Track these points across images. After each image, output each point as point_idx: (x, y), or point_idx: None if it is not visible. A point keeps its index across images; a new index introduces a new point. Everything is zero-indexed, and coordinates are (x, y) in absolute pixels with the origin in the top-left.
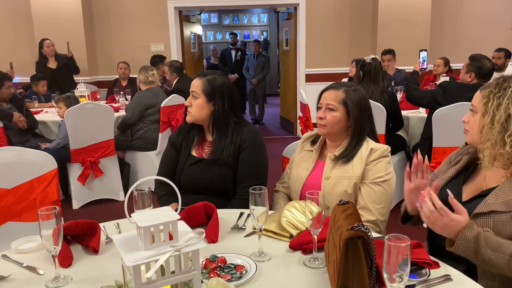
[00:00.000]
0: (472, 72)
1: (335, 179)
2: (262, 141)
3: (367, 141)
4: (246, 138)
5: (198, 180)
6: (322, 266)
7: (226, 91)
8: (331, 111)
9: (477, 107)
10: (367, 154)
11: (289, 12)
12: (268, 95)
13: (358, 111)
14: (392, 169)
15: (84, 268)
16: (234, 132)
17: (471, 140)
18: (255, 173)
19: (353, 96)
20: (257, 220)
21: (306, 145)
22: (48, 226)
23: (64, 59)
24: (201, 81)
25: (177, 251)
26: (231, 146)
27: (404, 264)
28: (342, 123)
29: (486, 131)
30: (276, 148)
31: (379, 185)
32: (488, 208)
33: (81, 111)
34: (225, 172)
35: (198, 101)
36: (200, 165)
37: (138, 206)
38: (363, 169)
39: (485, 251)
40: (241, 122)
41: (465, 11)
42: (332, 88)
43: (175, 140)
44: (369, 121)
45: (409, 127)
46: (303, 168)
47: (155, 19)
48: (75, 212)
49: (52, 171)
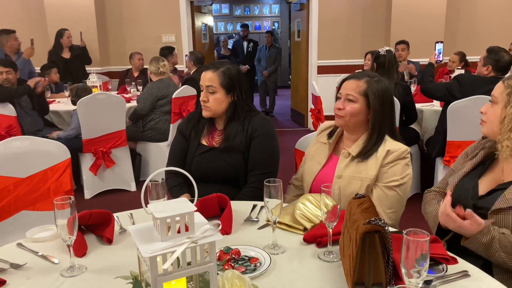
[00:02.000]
0: (489, 65)
1: (347, 178)
2: (273, 129)
3: (386, 140)
4: (258, 126)
5: (209, 169)
6: (337, 260)
7: (242, 80)
8: (350, 102)
9: (498, 98)
10: (383, 155)
11: (302, 2)
12: (279, 87)
13: (380, 104)
14: (410, 171)
15: (98, 258)
16: (245, 120)
17: (488, 131)
18: (267, 161)
19: (375, 87)
20: (271, 213)
21: (322, 137)
22: (63, 215)
23: (78, 50)
24: (215, 74)
25: (193, 242)
26: (242, 134)
27: (423, 260)
28: (361, 115)
29: (508, 122)
30: (286, 140)
31: (393, 190)
32: (507, 204)
33: (93, 101)
34: (237, 159)
35: (217, 95)
36: (211, 154)
37: (152, 196)
38: (377, 171)
39: (500, 255)
40: (252, 110)
41: (481, 3)
42: (354, 78)
43: (184, 129)
44: (390, 116)
45: (422, 121)
46: (316, 162)
47: (167, 9)
48: (87, 202)
49: (65, 161)
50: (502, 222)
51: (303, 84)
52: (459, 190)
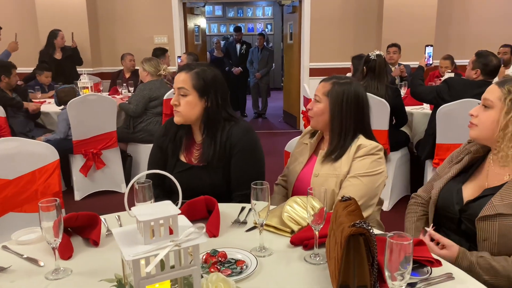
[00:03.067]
0: (478, 68)
1: (324, 176)
2: (255, 142)
3: (358, 138)
4: (237, 141)
5: (189, 189)
6: (323, 262)
7: (218, 84)
8: (316, 103)
9: (495, 103)
10: (355, 150)
11: (294, 5)
12: (271, 88)
13: (338, 104)
14: (382, 168)
15: (84, 261)
16: (223, 132)
17: (478, 135)
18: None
19: (337, 88)
20: (258, 215)
21: (305, 139)
22: (49, 218)
23: (69, 50)
24: (188, 75)
25: (177, 246)
26: (220, 150)
27: (406, 263)
28: (325, 115)
29: (502, 128)
30: (278, 142)
31: (357, 178)
32: (495, 211)
33: (84, 102)
34: (216, 179)
35: (188, 98)
36: (190, 173)
37: (139, 199)
38: (349, 166)
39: (484, 277)
40: (231, 118)
41: (471, 7)
42: (324, 80)
43: (162, 141)
44: (354, 117)
45: (412, 123)
46: (299, 162)
47: (159, 10)
48: (77, 204)
49: (54, 162)
50: (489, 228)
51: (295, 86)
52: (444, 195)
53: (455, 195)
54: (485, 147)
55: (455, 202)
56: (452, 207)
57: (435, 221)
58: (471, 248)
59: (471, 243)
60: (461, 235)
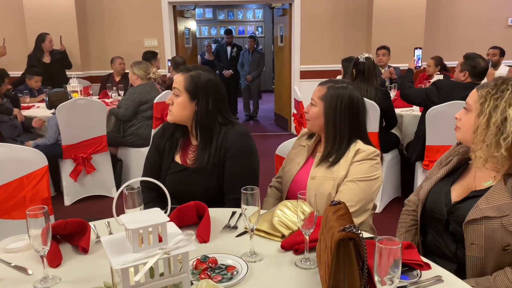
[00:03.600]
0: (466, 71)
1: (321, 179)
2: (250, 146)
3: (356, 143)
4: (232, 144)
5: (182, 190)
6: (314, 267)
7: (211, 89)
8: (312, 106)
9: (472, 106)
10: (353, 154)
11: (284, 8)
12: (263, 91)
13: (332, 109)
14: (379, 173)
15: (73, 268)
16: (219, 136)
17: (461, 137)
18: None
19: (331, 92)
20: (249, 220)
21: (302, 141)
22: (36, 225)
23: (58, 54)
24: (183, 77)
25: (166, 253)
26: (215, 154)
27: (395, 267)
28: (320, 119)
29: (481, 132)
30: (270, 144)
31: (355, 183)
32: (480, 214)
33: (73, 106)
34: (209, 183)
35: (179, 99)
36: (184, 174)
37: (128, 205)
38: (347, 170)
39: None
40: (228, 123)
41: (460, 10)
42: (321, 84)
43: (158, 142)
44: (349, 122)
45: (402, 125)
46: (295, 163)
47: (149, 13)
48: (67, 209)
49: (42, 168)
50: (475, 232)
51: (287, 89)
52: (433, 196)
53: (443, 197)
54: None
55: (443, 203)
56: (440, 208)
57: (423, 222)
58: (458, 249)
59: (459, 244)
60: (449, 236)
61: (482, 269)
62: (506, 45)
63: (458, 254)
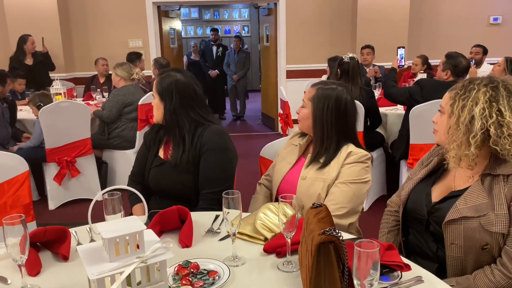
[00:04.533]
0: (448, 70)
1: (311, 180)
2: (226, 143)
3: (348, 145)
4: (206, 140)
5: (161, 184)
6: (296, 270)
7: (177, 89)
8: (302, 108)
9: (445, 108)
10: (345, 157)
11: (269, 8)
12: (250, 90)
13: (319, 110)
14: (369, 177)
15: (53, 276)
16: (195, 135)
17: (439, 140)
18: (216, 179)
19: (319, 93)
20: (231, 225)
21: (294, 140)
22: (14, 234)
23: (40, 56)
24: (156, 80)
25: (143, 262)
26: (190, 151)
27: (374, 269)
28: (309, 120)
29: (452, 132)
30: (256, 145)
31: (346, 185)
32: (459, 214)
33: (56, 109)
34: (185, 179)
35: (154, 101)
36: (163, 168)
37: (108, 211)
38: (338, 171)
39: None
40: (204, 122)
41: (443, 9)
42: (312, 85)
43: (147, 137)
44: (336, 123)
45: (387, 124)
46: (286, 162)
47: (133, 14)
48: (51, 213)
49: (23, 173)
50: (455, 232)
51: (273, 89)
52: (414, 197)
53: (424, 197)
54: None
55: (424, 204)
56: (421, 209)
57: (404, 223)
58: (439, 249)
59: (439, 244)
60: (430, 236)
61: (462, 268)
62: (488, 43)
63: (439, 254)
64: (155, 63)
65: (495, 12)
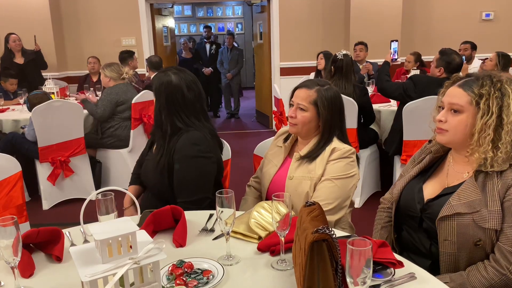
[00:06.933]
0: (441, 66)
1: (298, 179)
2: (197, 151)
3: (332, 141)
4: (178, 148)
5: (145, 178)
6: (290, 268)
7: (164, 91)
8: (302, 111)
9: (464, 107)
10: (329, 153)
11: (263, 5)
12: (244, 88)
13: (329, 112)
14: (355, 171)
15: (46, 278)
16: (172, 139)
17: (448, 140)
18: (189, 187)
19: (325, 96)
20: (225, 223)
21: (279, 141)
22: (6, 236)
23: (32, 54)
24: (155, 75)
25: (136, 263)
26: (166, 156)
27: (367, 267)
28: (312, 123)
29: (488, 132)
30: (251, 142)
31: (331, 181)
32: (452, 210)
33: (49, 109)
34: (159, 182)
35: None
36: (149, 163)
37: (101, 211)
38: (324, 168)
39: None
40: (186, 127)
41: (435, 5)
42: (305, 87)
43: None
44: (340, 121)
45: (380, 121)
46: (273, 165)
47: (126, 12)
48: (45, 213)
49: (16, 174)
50: (448, 228)
51: (267, 86)
52: (406, 194)
53: (416, 194)
54: (445, 147)
55: (416, 201)
56: (413, 206)
57: (397, 220)
58: (432, 245)
59: (432, 241)
60: (423, 233)
61: (455, 265)
62: (480, 39)
63: (432, 250)
64: (147, 62)
65: (487, 8)
